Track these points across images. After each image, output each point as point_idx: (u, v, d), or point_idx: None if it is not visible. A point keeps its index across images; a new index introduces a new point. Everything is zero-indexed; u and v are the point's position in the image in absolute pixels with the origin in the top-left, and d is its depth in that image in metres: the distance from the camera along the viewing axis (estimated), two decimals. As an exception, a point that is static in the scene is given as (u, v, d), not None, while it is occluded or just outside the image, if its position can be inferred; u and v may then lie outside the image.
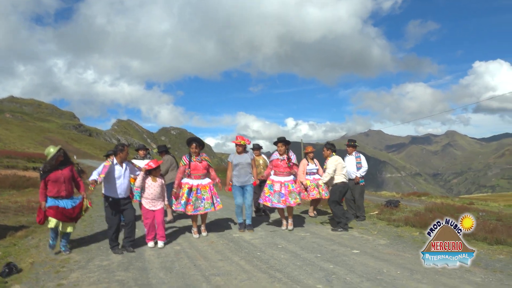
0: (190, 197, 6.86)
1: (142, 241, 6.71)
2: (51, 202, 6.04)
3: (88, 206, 6.40)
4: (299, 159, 8.15)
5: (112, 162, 6.23)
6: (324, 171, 7.71)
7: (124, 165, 6.32)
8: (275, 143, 7.46)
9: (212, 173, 7.13)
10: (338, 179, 7.42)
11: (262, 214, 9.29)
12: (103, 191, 6.36)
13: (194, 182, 6.91)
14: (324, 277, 4.59)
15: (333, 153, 7.63)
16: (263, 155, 9.45)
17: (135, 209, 6.61)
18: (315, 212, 9.34)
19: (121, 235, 6.33)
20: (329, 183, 7.60)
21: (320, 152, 8.25)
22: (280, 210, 7.61)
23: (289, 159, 7.36)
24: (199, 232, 7.12)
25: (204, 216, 7.18)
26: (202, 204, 6.88)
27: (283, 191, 7.27)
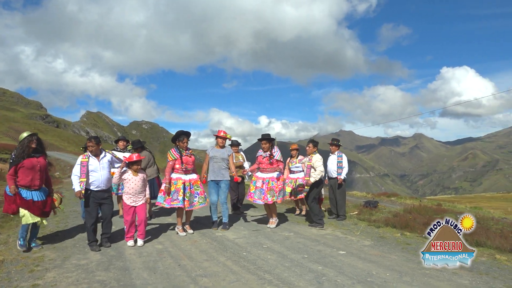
0: (185, 193, 6.68)
1: (120, 238, 6.44)
2: (24, 193, 5.69)
3: (61, 197, 6.07)
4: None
5: (88, 156, 5.97)
6: (306, 167, 7.69)
7: (100, 157, 6.06)
8: (260, 140, 7.40)
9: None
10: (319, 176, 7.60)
11: (240, 212, 9.15)
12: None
13: (186, 177, 6.71)
14: (314, 278, 4.50)
15: (315, 150, 7.76)
16: (241, 152, 9.32)
17: (113, 203, 6.35)
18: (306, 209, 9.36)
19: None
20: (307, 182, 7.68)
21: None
22: (266, 207, 7.70)
23: (271, 155, 7.31)
24: (184, 230, 6.91)
25: (189, 213, 6.99)
26: (196, 199, 6.75)
27: (263, 188, 7.32)
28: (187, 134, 6.82)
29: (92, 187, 5.93)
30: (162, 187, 6.70)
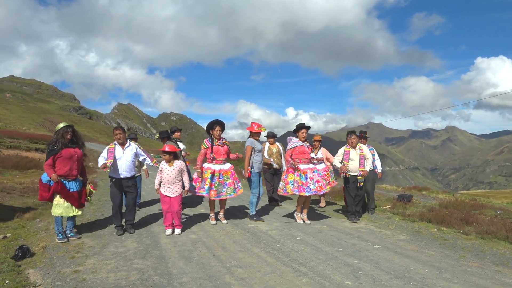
0: (213, 182, 6.75)
1: (156, 228, 6.58)
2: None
3: (92, 190, 6.22)
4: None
5: (115, 145, 6.38)
6: (364, 159, 7.51)
7: (125, 146, 6.42)
8: (296, 130, 7.19)
9: (232, 156, 7.00)
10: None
11: (277, 204, 9.15)
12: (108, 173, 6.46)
13: (216, 167, 6.78)
14: (350, 272, 4.44)
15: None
16: (277, 144, 9.29)
17: (137, 192, 6.77)
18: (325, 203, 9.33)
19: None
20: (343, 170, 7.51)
21: (324, 142, 8.38)
22: (301, 200, 7.18)
23: (311, 145, 7.27)
24: (217, 218, 7.01)
25: (223, 202, 7.06)
26: (225, 190, 6.78)
27: (315, 178, 6.94)
28: (220, 123, 6.84)
29: (115, 175, 6.30)
30: (194, 176, 6.81)
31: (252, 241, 5.80)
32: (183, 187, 6.41)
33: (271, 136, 9.01)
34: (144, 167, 8.50)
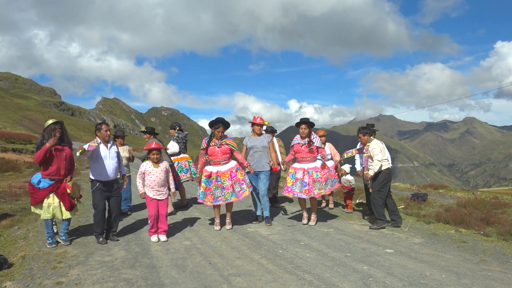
0: (210, 186, 6.78)
1: (146, 235, 6.59)
2: (47, 183, 5.89)
3: (69, 191, 6.11)
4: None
5: (98, 143, 6.21)
6: (365, 159, 7.49)
7: (109, 145, 6.34)
8: (298, 125, 7.24)
9: (238, 156, 6.99)
10: (385, 165, 7.16)
11: (277, 206, 9.19)
12: (90, 176, 6.33)
13: (213, 169, 6.83)
14: (360, 280, 4.45)
15: (371, 137, 7.45)
16: (274, 139, 9.33)
17: (121, 196, 6.70)
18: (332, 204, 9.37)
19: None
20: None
21: (331, 137, 8.26)
22: (302, 202, 7.42)
23: (310, 142, 7.15)
24: (222, 224, 7.08)
25: (229, 205, 7.05)
26: (222, 194, 6.76)
27: (306, 180, 7.08)
28: (224, 123, 6.87)
29: (100, 178, 6.16)
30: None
31: (252, 247, 5.81)
32: (169, 188, 6.50)
33: (270, 130, 9.04)
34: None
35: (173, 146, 9.02)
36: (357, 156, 8.29)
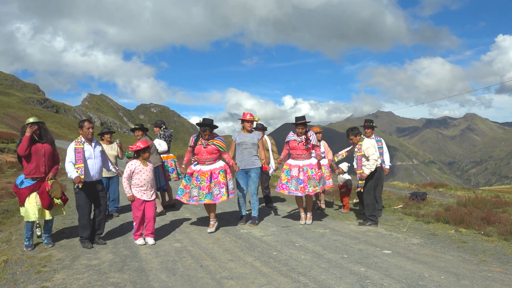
0: (189, 184, 6.87)
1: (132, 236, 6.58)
2: (29, 182, 5.88)
3: (48, 190, 6.04)
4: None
5: (82, 142, 6.12)
6: (357, 158, 7.56)
7: (93, 143, 6.26)
8: (295, 124, 7.28)
9: (225, 156, 7.01)
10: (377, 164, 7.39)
11: (271, 206, 9.22)
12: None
13: (196, 167, 6.90)
14: (356, 282, 4.48)
15: (362, 136, 7.56)
16: (265, 137, 9.35)
17: (107, 197, 6.58)
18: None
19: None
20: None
21: (327, 134, 8.32)
22: (299, 200, 7.56)
23: (307, 140, 7.22)
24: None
25: (211, 206, 7.01)
26: (197, 194, 6.77)
27: (301, 177, 7.18)
28: (210, 126, 6.87)
29: (86, 178, 6.03)
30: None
31: (245, 249, 5.83)
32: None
33: (260, 128, 9.06)
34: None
35: (160, 145, 9.01)
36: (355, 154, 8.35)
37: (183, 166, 7.11)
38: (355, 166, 8.25)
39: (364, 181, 7.32)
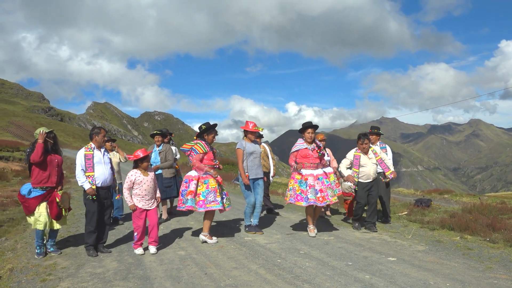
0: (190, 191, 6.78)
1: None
2: (39, 192, 5.92)
3: (58, 201, 6.10)
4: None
5: (92, 149, 6.20)
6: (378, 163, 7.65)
7: (102, 150, 6.35)
8: (302, 130, 7.13)
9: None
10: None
11: (275, 213, 9.23)
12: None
13: (196, 173, 6.70)
14: (361, 289, 4.48)
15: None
16: (263, 144, 9.39)
17: (113, 205, 6.76)
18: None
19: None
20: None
21: (331, 141, 8.34)
22: (310, 211, 7.14)
23: (319, 147, 7.10)
24: (219, 235, 7.10)
25: (207, 214, 6.76)
26: (185, 198, 6.64)
27: (317, 187, 6.88)
28: (215, 129, 6.94)
29: (96, 184, 6.10)
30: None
31: (249, 257, 5.83)
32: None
33: (257, 136, 9.08)
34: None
35: (177, 152, 9.12)
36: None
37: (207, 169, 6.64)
38: (380, 170, 8.02)
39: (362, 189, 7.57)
